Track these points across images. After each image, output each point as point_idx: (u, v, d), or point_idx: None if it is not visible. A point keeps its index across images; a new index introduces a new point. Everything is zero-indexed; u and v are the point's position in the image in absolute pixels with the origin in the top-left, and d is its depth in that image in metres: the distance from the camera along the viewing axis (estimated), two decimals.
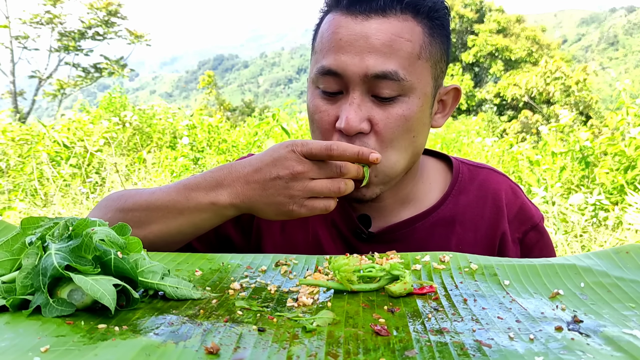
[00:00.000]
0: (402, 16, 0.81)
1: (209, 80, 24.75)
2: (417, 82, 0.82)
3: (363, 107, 0.80)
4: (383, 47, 0.79)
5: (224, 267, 0.73)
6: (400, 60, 0.79)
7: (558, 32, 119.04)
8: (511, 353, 0.46)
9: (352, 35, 0.80)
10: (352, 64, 0.79)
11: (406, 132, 0.83)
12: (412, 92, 0.82)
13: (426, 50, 0.82)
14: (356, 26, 0.80)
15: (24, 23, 15.39)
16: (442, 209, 0.95)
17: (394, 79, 0.79)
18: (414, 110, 0.82)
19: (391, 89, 0.80)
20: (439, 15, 0.85)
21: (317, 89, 0.85)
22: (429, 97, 0.85)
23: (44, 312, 0.53)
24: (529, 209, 0.98)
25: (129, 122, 7.41)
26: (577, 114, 15.94)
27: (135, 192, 0.86)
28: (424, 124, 0.86)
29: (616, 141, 5.30)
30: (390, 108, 0.81)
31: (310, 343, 0.48)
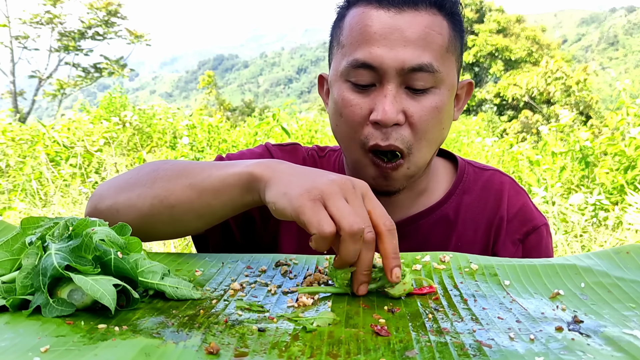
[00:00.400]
0: (430, 10, 0.82)
1: (209, 80, 24.75)
2: (447, 74, 0.83)
3: (398, 99, 0.81)
4: (418, 40, 0.80)
5: (223, 267, 0.73)
6: (434, 53, 0.81)
7: (558, 32, 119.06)
8: (511, 353, 0.46)
9: (386, 28, 0.80)
10: (387, 57, 0.80)
11: (438, 123, 0.84)
12: (443, 84, 0.83)
13: (452, 44, 0.85)
14: (389, 19, 0.81)
15: (24, 23, 15.40)
16: (445, 207, 0.96)
17: (429, 71, 0.80)
18: (445, 102, 0.84)
19: (425, 81, 0.81)
20: (458, 11, 0.87)
21: (346, 83, 0.85)
22: (454, 89, 0.87)
23: (44, 312, 0.53)
24: (530, 211, 0.98)
25: (129, 122, 7.41)
26: (577, 114, 15.94)
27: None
28: (450, 116, 0.88)
29: (616, 141, 5.30)
30: (423, 100, 0.82)
31: (311, 343, 0.48)
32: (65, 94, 16.00)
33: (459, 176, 0.99)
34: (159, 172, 0.78)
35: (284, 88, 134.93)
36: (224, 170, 0.72)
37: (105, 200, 0.80)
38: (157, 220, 0.76)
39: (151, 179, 0.77)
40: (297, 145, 1.04)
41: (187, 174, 0.75)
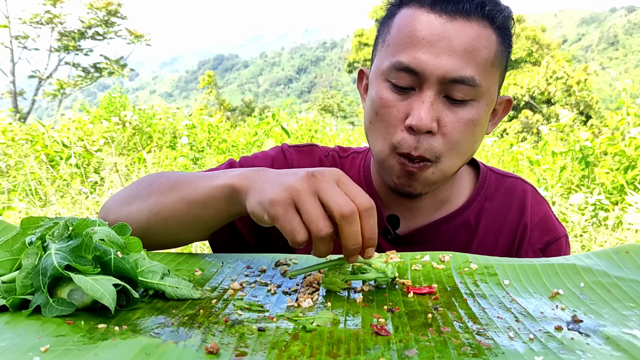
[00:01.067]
0: (482, 22, 0.81)
1: (209, 80, 24.76)
2: (488, 89, 0.82)
3: (435, 106, 0.80)
4: (464, 51, 0.79)
5: (223, 266, 0.73)
6: (478, 67, 0.80)
7: (558, 32, 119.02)
8: (511, 353, 0.46)
9: (434, 34, 0.79)
10: (431, 64, 0.79)
11: (470, 136, 0.83)
12: (482, 98, 0.82)
13: (498, 58, 0.83)
14: (439, 26, 0.79)
15: (24, 23, 15.40)
16: (466, 213, 0.96)
17: (469, 84, 0.79)
18: (481, 116, 0.83)
19: (465, 93, 0.80)
20: (509, 26, 0.85)
21: (386, 82, 0.84)
22: (493, 104, 0.86)
23: (43, 312, 0.53)
24: (552, 221, 0.99)
25: (128, 122, 7.41)
26: (577, 114, 15.94)
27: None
28: (484, 130, 0.87)
29: (616, 141, 5.30)
30: (460, 111, 0.81)
31: (310, 343, 0.48)
32: (65, 93, 15.99)
33: (481, 182, 0.99)
34: (154, 186, 0.80)
35: (284, 88, 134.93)
36: (209, 182, 0.72)
37: (110, 214, 0.83)
38: (153, 232, 0.77)
39: (147, 193, 0.79)
40: (314, 147, 1.03)
41: (177, 187, 0.76)
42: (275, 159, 0.99)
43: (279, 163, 0.99)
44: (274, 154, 1.01)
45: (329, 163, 1.01)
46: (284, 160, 0.99)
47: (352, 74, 28.30)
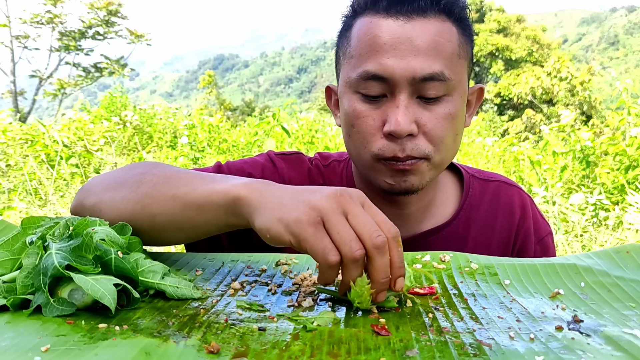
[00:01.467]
0: (439, 17, 0.81)
1: (209, 80, 24.76)
2: (458, 81, 0.82)
3: (410, 109, 0.80)
4: (428, 49, 0.79)
5: (224, 266, 0.73)
6: (444, 61, 0.80)
7: (558, 32, 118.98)
8: (511, 352, 0.46)
9: (395, 37, 0.79)
10: (398, 68, 0.78)
11: (451, 130, 0.83)
12: (455, 91, 0.82)
13: (462, 49, 0.83)
14: (398, 28, 0.79)
15: (25, 22, 15.40)
16: (454, 224, 0.96)
17: (440, 80, 0.79)
18: (458, 109, 0.83)
19: (437, 90, 0.80)
20: (466, 16, 0.86)
21: (357, 94, 0.83)
22: (466, 95, 0.86)
23: (44, 311, 0.53)
24: (537, 222, 1.00)
25: (129, 121, 7.41)
26: (578, 114, 15.94)
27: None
28: (462, 122, 0.87)
29: (617, 141, 5.30)
30: (436, 108, 0.81)
31: (311, 342, 0.48)
32: (66, 93, 16.00)
33: (466, 191, 0.98)
34: (146, 176, 0.74)
35: (284, 88, 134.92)
36: (210, 185, 0.67)
37: (91, 196, 0.77)
38: (137, 226, 0.71)
39: (137, 182, 0.74)
40: (300, 155, 1.01)
41: (172, 183, 0.71)
42: (265, 167, 0.96)
43: (269, 171, 0.96)
44: (263, 162, 0.97)
45: (315, 172, 0.98)
46: (273, 168, 0.96)
47: None
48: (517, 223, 0.98)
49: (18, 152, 5.76)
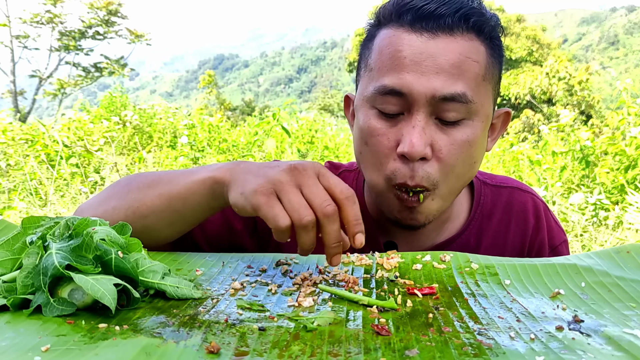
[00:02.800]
0: (467, 35, 0.77)
1: (209, 80, 24.76)
2: (481, 104, 0.78)
3: (427, 130, 0.76)
4: (451, 67, 0.75)
5: (224, 266, 0.73)
6: (468, 82, 0.76)
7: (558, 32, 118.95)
8: (512, 352, 0.46)
9: (417, 53, 0.75)
10: (418, 84, 0.75)
11: (468, 158, 0.79)
12: (477, 115, 0.78)
13: (489, 71, 0.79)
14: (422, 44, 0.75)
15: (25, 22, 15.40)
16: (465, 235, 0.93)
17: (462, 102, 0.75)
18: (477, 135, 0.78)
19: (458, 112, 0.76)
20: (498, 35, 0.82)
21: (373, 109, 0.80)
22: (489, 120, 0.82)
23: (44, 311, 0.53)
24: (551, 230, 0.97)
25: (129, 121, 7.41)
26: (577, 114, 15.93)
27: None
28: (482, 149, 0.82)
29: (617, 141, 5.30)
30: (454, 132, 0.77)
31: (311, 342, 0.48)
32: (66, 93, 16.00)
33: (477, 199, 0.95)
34: (132, 184, 0.80)
35: (284, 87, 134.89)
36: (189, 177, 0.73)
37: (85, 213, 0.80)
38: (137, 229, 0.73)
39: (125, 191, 0.79)
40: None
41: (156, 184, 0.77)
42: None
43: None
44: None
45: None
46: None
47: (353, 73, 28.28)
48: (531, 233, 0.94)
49: (18, 152, 5.76)
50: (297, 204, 0.61)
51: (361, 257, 0.76)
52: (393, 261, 0.73)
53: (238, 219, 0.92)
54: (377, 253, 0.78)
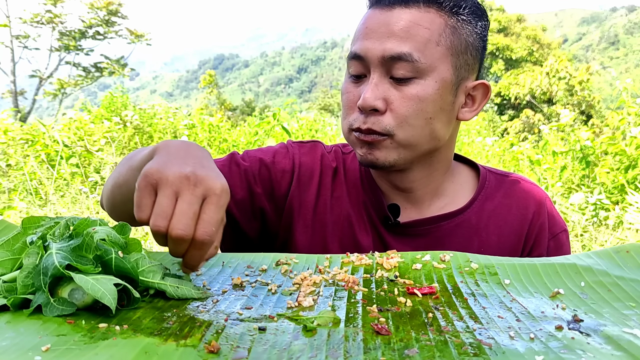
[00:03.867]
0: (424, 8, 0.87)
1: (209, 80, 24.75)
2: (433, 66, 0.86)
3: (380, 87, 0.86)
4: (401, 32, 0.85)
5: (224, 266, 0.73)
6: (416, 44, 0.85)
7: (559, 32, 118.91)
8: (511, 352, 0.46)
9: (376, 23, 0.87)
10: (372, 48, 0.86)
11: (420, 111, 0.87)
12: (428, 75, 0.86)
13: (446, 39, 0.87)
14: (380, 16, 0.88)
15: (25, 22, 15.39)
16: (467, 213, 0.98)
17: (408, 60, 0.84)
18: (429, 92, 0.86)
19: (405, 70, 0.85)
20: (465, 12, 0.89)
21: (348, 74, 0.92)
22: (449, 84, 0.88)
23: (44, 311, 0.53)
24: (552, 218, 1.01)
25: (129, 121, 7.41)
26: (577, 114, 15.93)
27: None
28: (443, 110, 0.89)
29: (617, 141, 5.30)
30: (405, 88, 0.86)
31: (311, 342, 0.48)
32: (66, 93, 16.00)
33: (481, 183, 1.01)
34: (122, 160, 0.89)
35: (284, 87, 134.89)
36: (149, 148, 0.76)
37: (103, 198, 0.95)
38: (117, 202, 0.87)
39: (117, 168, 0.89)
40: (317, 143, 1.07)
41: (131, 157, 0.84)
42: (278, 151, 1.03)
43: (281, 155, 1.02)
44: (277, 148, 1.05)
45: (332, 157, 1.04)
46: (285, 152, 1.03)
47: None
48: (532, 217, 0.99)
49: (18, 152, 5.76)
50: (159, 208, 0.60)
51: (361, 257, 0.76)
52: (393, 261, 0.73)
53: (258, 183, 0.99)
54: (377, 253, 0.78)
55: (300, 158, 1.02)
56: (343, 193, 1.01)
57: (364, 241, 0.96)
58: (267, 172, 0.99)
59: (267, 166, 1.00)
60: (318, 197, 1.00)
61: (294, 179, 1.00)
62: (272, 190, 1.00)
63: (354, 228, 0.98)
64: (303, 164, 1.02)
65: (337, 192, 1.01)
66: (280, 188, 0.99)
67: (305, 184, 1.00)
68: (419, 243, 0.89)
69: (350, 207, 1.00)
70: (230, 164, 0.99)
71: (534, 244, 0.98)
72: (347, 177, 1.02)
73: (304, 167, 1.01)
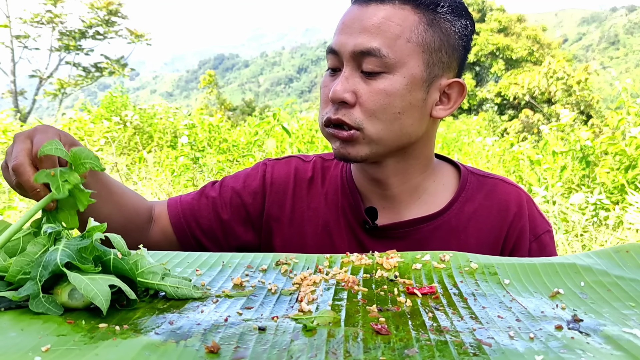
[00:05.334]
0: (399, 5, 0.88)
1: (209, 80, 24.74)
2: (402, 62, 0.87)
3: (351, 80, 0.88)
4: (372, 28, 0.87)
5: (224, 266, 0.73)
6: (385, 40, 0.86)
7: (559, 32, 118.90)
8: (511, 352, 0.46)
9: (351, 18, 0.90)
10: (345, 43, 0.88)
11: (388, 106, 0.88)
12: (396, 71, 0.87)
13: (418, 36, 0.88)
14: (357, 11, 0.90)
15: (25, 22, 15.39)
16: (447, 215, 0.97)
17: (376, 56, 0.86)
18: (397, 88, 0.87)
19: (374, 65, 0.86)
20: (443, 10, 0.89)
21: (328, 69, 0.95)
22: (419, 80, 0.89)
23: (31, 304, 0.53)
24: (534, 219, 0.99)
25: (129, 121, 7.41)
26: (577, 114, 15.93)
27: None
28: (413, 106, 0.89)
29: (617, 140, 5.30)
30: (374, 82, 0.87)
31: (311, 342, 0.48)
32: (66, 93, 15.99)
33: (462, 184, 1.00)
34: None
35: (284, 87, 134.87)
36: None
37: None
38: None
39: None
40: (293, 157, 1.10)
41: None
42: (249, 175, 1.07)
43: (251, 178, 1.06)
44: (250, 170, 1.09)
45: (308, 168, 1.07)
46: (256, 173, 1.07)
47: None
48: (512, 220, 0.97)
49: None
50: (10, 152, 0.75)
51: (361, 257, 0.76)
52: (393, 261, 0.73)
53: (226, 211, 1.03)
54: (376, 253, 0.78)
55: (272, 175, 1.06)
56: (320, 202, 1.02)
57: (341, 247, 0.97)
58: (239, 198, 1.03)
59: (238, 193, 1.04)
60: (293, 210, 1.02)
61: (267, 197, 1.04)
62: (247, 214, 1.04)
63: (332, 235, 0.99)
64: (275, 180, 1.05)
65: (314, 202, 1.02)
66: (255, 210, 1.04)
67: (279, 199, 1.03)
68: (397, 246, 0.88)
69: (329, 214, 1.01)
70: (200, 197, 1.05)
71: (513, 247, 0.97)
72: (325, 184, 1.04)
73: (277, 183, 1.04)
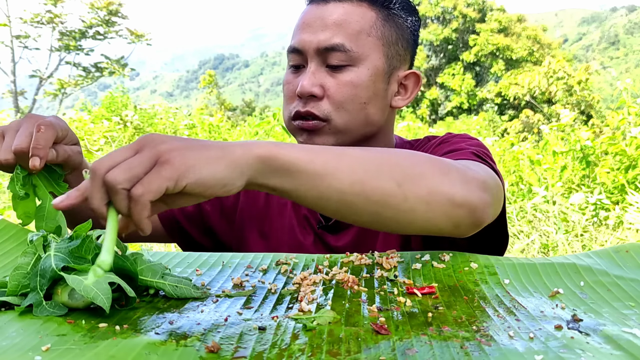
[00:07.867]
0: (356, 3, 0.93)
1: (209, 80, 24.74)
2: (365, 55, 0.92)
3: (317, 75, 0.92)
4: (333, 24, 0.91)
5: (224, 266, 0.73)
6: (348, 36, 0.91)
7: (559, 32, 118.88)
8: (511, 352, 0.46)
9: (312, 17, 0.94)
10: (309, 40, 0.92)
11: (355, 97, 0.92)
12: (361, 63, 0.92)
13: (377, 30, 0.93)
14: (317, 10, 0.94)
15: (25, 22, 15.38)
16: None
17: (341, 50, 0.91)
18: (362, 79, 0.92)
19: (339, 59, 0.91)
20: (396, 7, 0.96)
21: (289, 66, 0.98)
22: (381, 72, 0.94)
23: (35, 311, 0.54)
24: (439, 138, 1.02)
25: (129, 121, 7.42)
26: (578, 114, 15.93)
27: None
28: (377, 96, 0.94)
29: (617, 141, 5.30)
30: (340, 75, 0.92)
31: (311, 342, 0.48)
32: (66, 93, 15.98)
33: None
34: None
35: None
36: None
37: None
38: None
39: None
40: None
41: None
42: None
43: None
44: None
45: None
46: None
47: None
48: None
49: None
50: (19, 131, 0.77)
51: (360, 257, 0.76)
52: (392, 261, 0.73)
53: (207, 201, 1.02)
54: (376, 253, 0.78)
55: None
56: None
57: (306, 242, 1.00)
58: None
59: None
60: (267, 205, 1.05)
61: (241, 193, 1.06)
62: (222, 205, 1.07)
63: (296, 231, 1.02)
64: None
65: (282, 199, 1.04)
66: (228, 202, 1.07)
67: (253, 195, 1.05)
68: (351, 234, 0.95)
69: (293, 212, 1.04)
70: None
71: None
72: None
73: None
